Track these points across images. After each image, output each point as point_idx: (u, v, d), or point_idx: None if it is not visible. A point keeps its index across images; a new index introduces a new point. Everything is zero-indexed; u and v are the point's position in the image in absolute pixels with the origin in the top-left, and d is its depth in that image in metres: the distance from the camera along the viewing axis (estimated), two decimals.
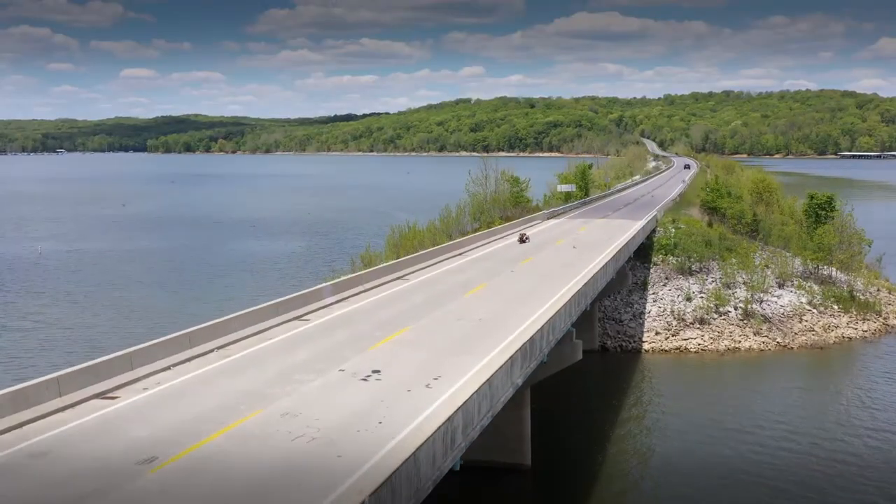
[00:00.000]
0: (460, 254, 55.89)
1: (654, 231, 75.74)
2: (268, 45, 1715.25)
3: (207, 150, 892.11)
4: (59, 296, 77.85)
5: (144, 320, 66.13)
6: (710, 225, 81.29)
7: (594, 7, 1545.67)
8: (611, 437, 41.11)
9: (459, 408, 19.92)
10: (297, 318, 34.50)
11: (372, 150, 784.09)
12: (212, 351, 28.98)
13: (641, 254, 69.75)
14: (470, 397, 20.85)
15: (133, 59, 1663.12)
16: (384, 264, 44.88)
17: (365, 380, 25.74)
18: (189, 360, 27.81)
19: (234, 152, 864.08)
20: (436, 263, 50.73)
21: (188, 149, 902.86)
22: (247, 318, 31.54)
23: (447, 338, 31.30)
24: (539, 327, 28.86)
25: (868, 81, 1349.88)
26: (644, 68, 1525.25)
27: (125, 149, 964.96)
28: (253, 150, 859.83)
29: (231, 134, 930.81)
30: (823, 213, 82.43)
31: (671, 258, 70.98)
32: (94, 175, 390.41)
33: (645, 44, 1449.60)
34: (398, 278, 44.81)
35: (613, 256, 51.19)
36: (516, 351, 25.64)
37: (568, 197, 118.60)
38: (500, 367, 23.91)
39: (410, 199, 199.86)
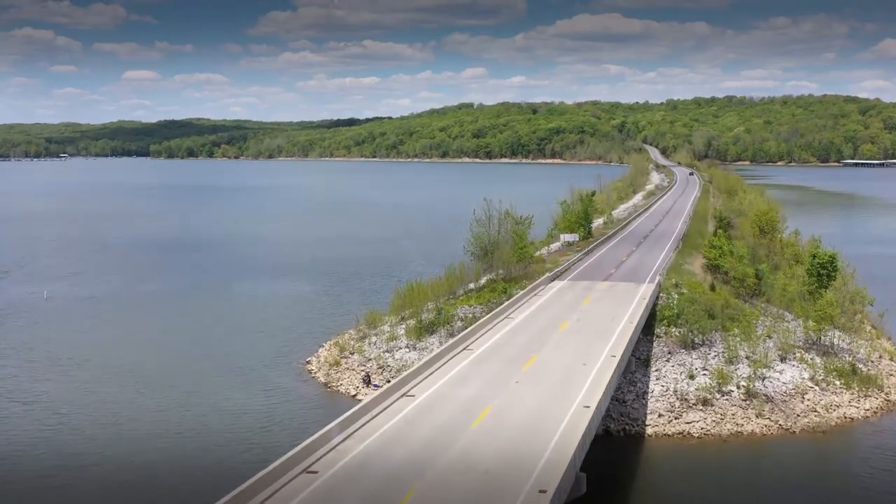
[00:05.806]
0: (466, 348, 56.48)
1: (657, 299, 76.28)
2: (270, 47, 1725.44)
3: (210, 155, 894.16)
4: (60, 363, 76.14)
5: (145, 399, 66.02)
6: (712, 288, 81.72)
7: (596, 9, 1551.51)
8: None
9: None
10: (306, 470, 35.03)
11: (374, 156, 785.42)
12: None
13: (644, 325, 70.16)
14: None
15: (135, 62, 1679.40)
16: (391, 383, 45.52)
17: None
18: None
19: (236, 157, 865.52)
20: (441, 367, 51.38)
21: (191, 154, 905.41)
22: (258, 484, 32.05)
23: None
24: None
25: (870, 83, 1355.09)
26: (646, 70, 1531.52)
27: (128, 153, 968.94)
28: (256, 156, 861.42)
29: (234, 138, 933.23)
30: (825, 272, 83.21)
31: (674, 329, 71.47)
32: (108, 187, 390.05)
33: (647, 45, 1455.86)
34: (404, 395, 45.41)
35: (619, 359, 51.85)
36: None
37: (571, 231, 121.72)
38: None
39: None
